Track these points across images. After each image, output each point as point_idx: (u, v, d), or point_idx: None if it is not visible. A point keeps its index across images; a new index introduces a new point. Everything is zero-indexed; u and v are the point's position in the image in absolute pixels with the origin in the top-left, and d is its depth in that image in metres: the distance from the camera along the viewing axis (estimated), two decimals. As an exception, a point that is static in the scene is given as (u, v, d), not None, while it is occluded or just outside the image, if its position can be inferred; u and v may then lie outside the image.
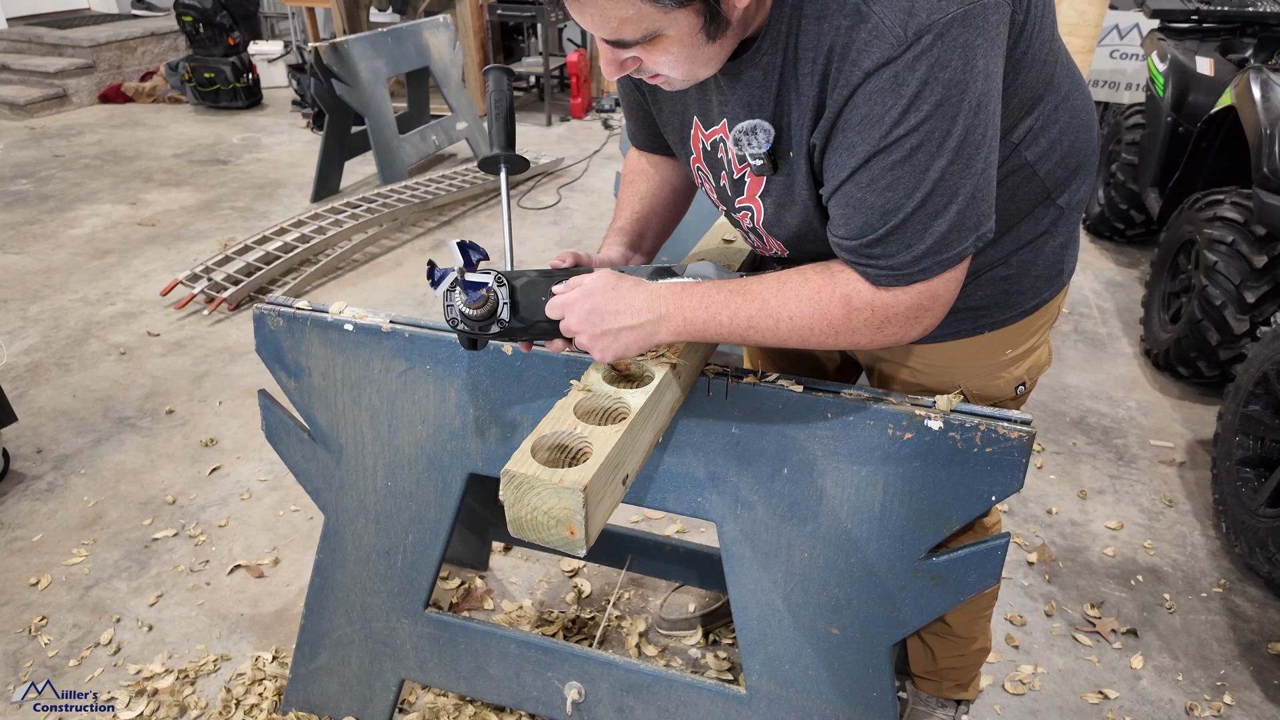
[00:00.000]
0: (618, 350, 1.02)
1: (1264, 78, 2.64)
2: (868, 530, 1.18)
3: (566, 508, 0.89)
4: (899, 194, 0.88)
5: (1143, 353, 3.16)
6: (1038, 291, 1.18)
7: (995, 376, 1.23)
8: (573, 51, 6.31)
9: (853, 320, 0.98)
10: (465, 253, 0.98)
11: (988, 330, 1.19)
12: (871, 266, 0.94)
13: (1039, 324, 1.22)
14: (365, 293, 3.65)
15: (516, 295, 1.04)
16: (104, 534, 2.23)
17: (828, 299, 0.98)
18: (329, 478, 1.46)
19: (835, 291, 0.97)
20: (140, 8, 7.85)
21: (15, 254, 3.94)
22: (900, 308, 0.96)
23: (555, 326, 1.05)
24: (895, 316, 0.97)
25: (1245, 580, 2.14)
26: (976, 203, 0.90)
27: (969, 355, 1.21)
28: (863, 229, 0.92)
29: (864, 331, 0.99)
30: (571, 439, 0.98)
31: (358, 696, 1.62)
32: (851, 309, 0.97)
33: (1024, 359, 1.24)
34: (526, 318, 1.05)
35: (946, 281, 0.95)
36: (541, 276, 1.07)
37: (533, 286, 1.05)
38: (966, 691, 1.65)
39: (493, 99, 1.25)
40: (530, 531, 0.93)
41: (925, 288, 0.95)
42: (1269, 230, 2.51)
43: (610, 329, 1.01)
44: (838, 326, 0.98)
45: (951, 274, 0.95)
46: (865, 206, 0.91)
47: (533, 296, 1.05)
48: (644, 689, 1.44)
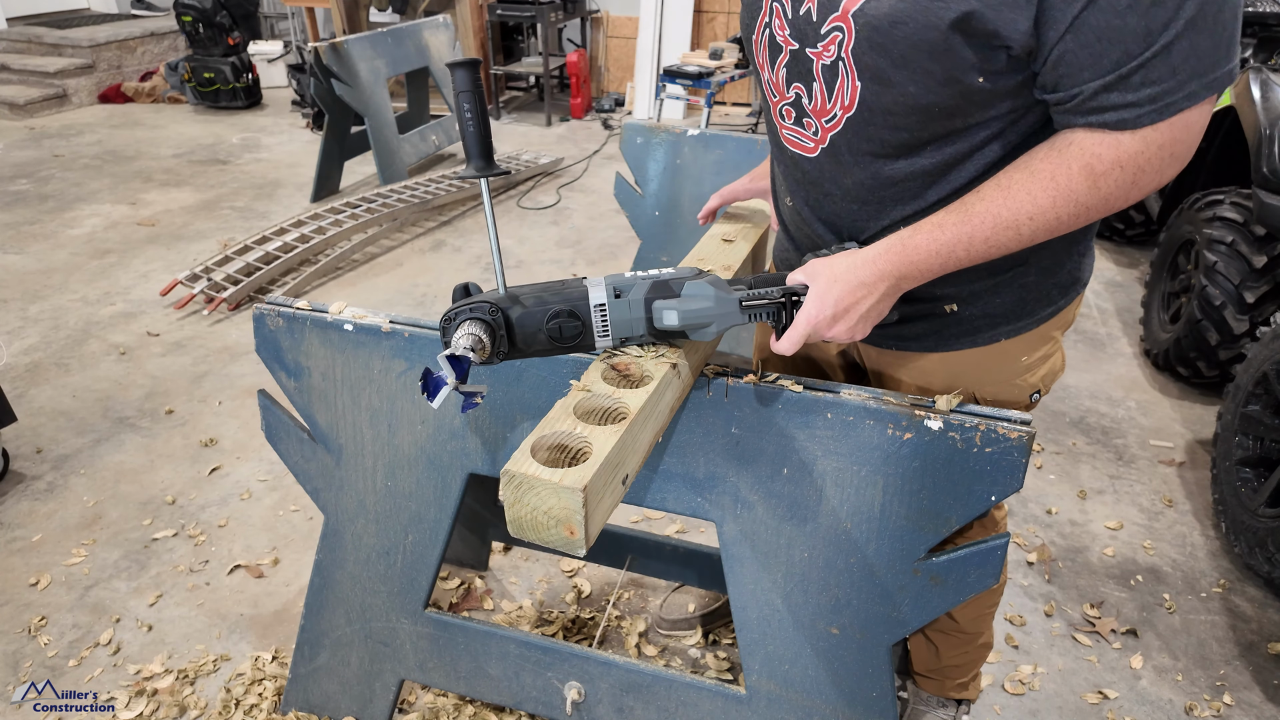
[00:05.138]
0: (873, 323, 1.03)
1: (1264, 78, 2.64)
2: (867, 530, 1.18)
3: (566, 508, 0.89)
4: (1167, 9, 0.80)
5: (1142, 353, 3.16)
6: (1054, 299, 1.16)
7: (1011, 384, 1.22)
8: (573, 51, 6.31)
9: (1102, 188, 0.89)
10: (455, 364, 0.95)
11: (1005, 338, 1.17)
12: (1125, 108, 0.85)
13: (1052, 330, 1.21)
14: (365, 293, 3.65)
15: (513, 326, 1.03)
16: (104, 534, 2.23)
17: (1065, 179, 0.90)
18: (329, 478, 1.46)
19: (1072, 167, 0.89)
20: (140, 8, 7.85)
21: (15, 254, 3.94)
22: (1152, 150, 0.87)
23: (553, 347, 1.05)
24: (1149, 163, 0.87)
25: (1245, 580, 2.14)
26: (1237, 21, 0.83)
27: (986, 364, 1.20)
28: (1120, 60, 0.83)
29: (1117, 195, 0.90)
30: (571, 439, 0.97)
31: (357, 696, 1.62)
32: (1097, 176, 0.89)
33: (1039, 365, 1.23)
34: (524, 347, 1.04)
35: (1203, 110, 0.86)
36: (547, 293, 1.05)
37: (530, 317, 1.04)
38: (967, 691, 1.65)
39: (462, 101, 1.05)
40: (530, 531, 0.93)
41: (1182, 119, 0.85)
42: (1269, 230, 2.51)
43: (861, 313, 1.00)
44: (1087, 202, 0.90)
45: (1210, 101, 0.85)
46: (1125, 32, 0.82)
47: (530, 326, 1.04)
48: (644, 689, 1.44)
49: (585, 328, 1.05)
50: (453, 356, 0.95)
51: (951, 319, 1.15)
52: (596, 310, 1.04)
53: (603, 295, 1.05)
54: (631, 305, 1.05)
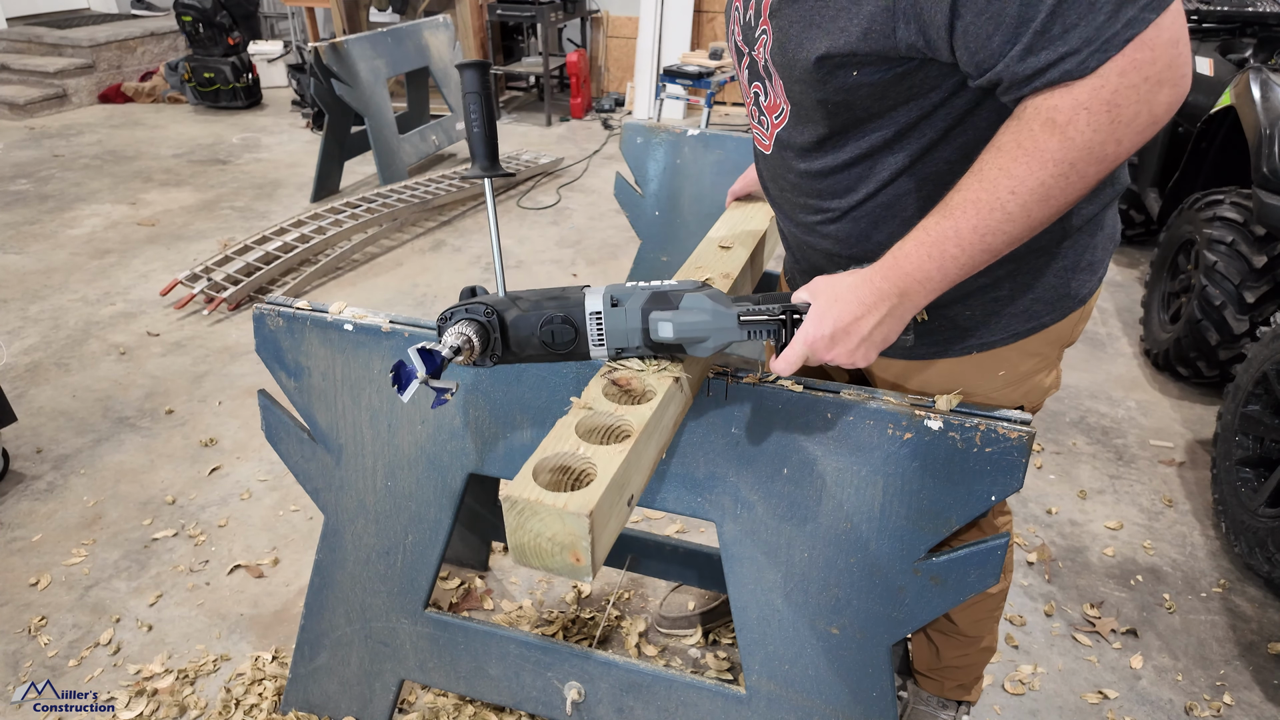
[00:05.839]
0: (879, 347, 0.97)
1: (1264, 78, 2.64)
2: (867, 530, 1.18)
3: (571, 534, 0.86)
4: None
5: (1142, 353, 3.16)
6: (1035, 315, 1.11)
7: (986, 398, 1.18)
8: (573, 51, 6.31)
9: (1074, 136, 0.80)
10: (427, 358, 0.94)
11: (976, 351, 1.14)
12: (1061, 61, 0.78)
13: (1039, 347, 1.15)
14: (365, 293, 3.65)
15: (508, 329, 1.02)
16: (104, 534, 2.23)
17: (1030, 140, 0.82)
18: (329, 478, 1.46)
19: (1033, 126, 0.82)
20: (140, 8, 7.85)
21: (15, 254, 3.94)
22: (1113, 80, 0.78)
23: (547, 353, 1.04)
24: (1119, 94, 0.78)
25: (1245, 580, 2.14)
26: None
27: (955, 376, 1.17)
28: (1021, 16, 0.78)
29: (1098, 140, 0.80)
30: (574, 460, 0.95)
31: (357, 696, 1.62)
32: (1062, 126, 0.81)
33: (1021, 382, 1.18)
34: (518, 350, 1.03)
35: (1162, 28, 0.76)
36: (547, 299, 1.03)
37: (525, 321, 1.02)
38: (969, 693, 1.64)
39: (470, 102, 1.09)
40: (534, 558, 0.90)
41: (1138, 43, 0.77)
42: (1269, 230, 2.51)
43: (862, 335, 0.95)
44: (1067, 158, 0.82)
45: (1167, 16, 0.76)
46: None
47: (524, 330, 1.02)
48: (644, 689, 1.44)
49: (580, 335, 1.03)
50: (424, 350, 0.93)
51: (922, 327, 1.14)
52: (592, 318, 1.03)
53: (599, 304, 1.03)
54: (628, 315, 1.03)
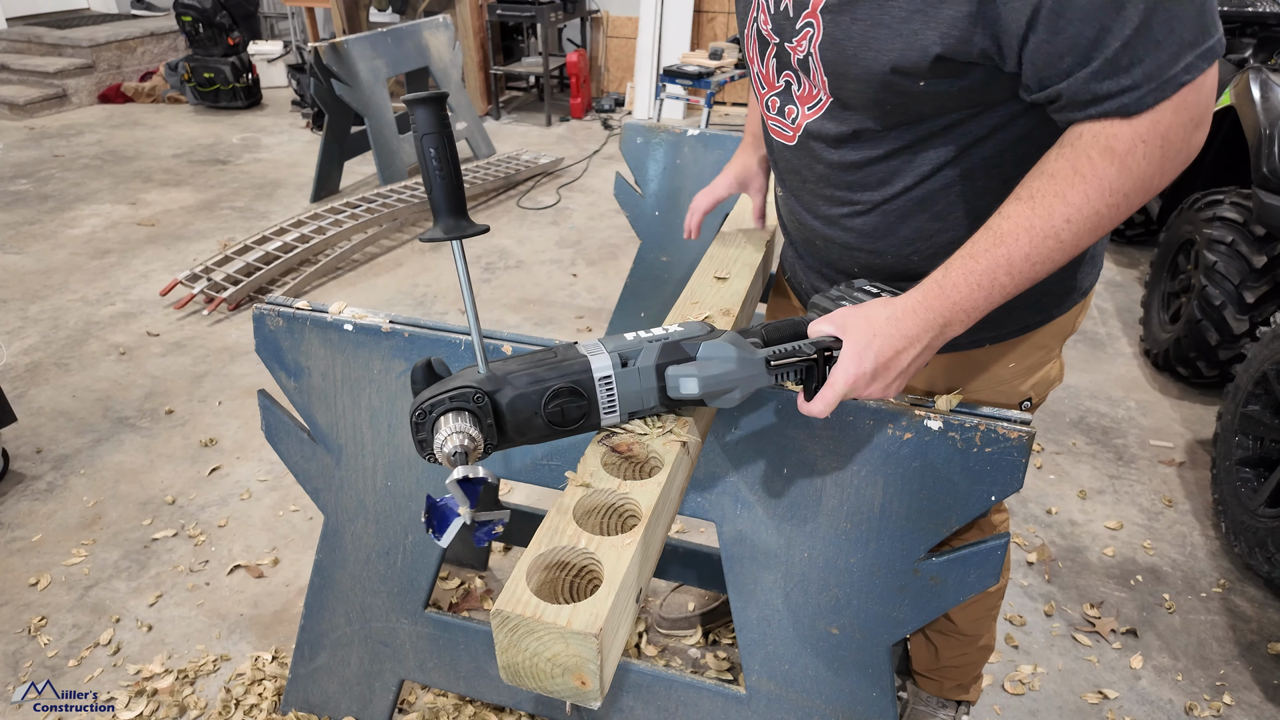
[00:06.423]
0: (911, 378, 0.95)
1: (1264, 78, 2.64)
2: (867, 530, 1.18)
3: (576, 655, 0.73)
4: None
5: (1142, 353, 3.16)
6: (1042, 308, 1.14)
7: (996, 390, 1.21)
8: (573, 51, 6.31)
9: (1131, 168, 0.84)
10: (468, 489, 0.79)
11: (989, 344, 1.16)
12: (1123, 94, 0.81)
13: (1045, 339, 1.18)
14: (365, 293, 3.65)
15: (503, 413, 0.88)
16: (103, 534, 2.23)
17: (1089, 168, 0.84)
18: (329, 478, 1.46)
19: (1091, 154, 0.84)
20: (140, 8, 7.85)
21: (15, 254, 3.94)
22: (1168, 117, 0.82)
23: (553, 432, 0.91)
24: (1171, 130, 0.82)
25: (1245, 580, 2.14)
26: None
27: (970, 368, 1.19)
28: (1098, 38, 0.80)
29: (1149, 173, 0.85)
30: (574, 555, 0.82)
31: (357, 696, 1.62)
32: (1121, 156, 0.83)
33: (1029, 374, 1.21)
34: (515, 435, 0.89)
35: (1204, 81, 0.82)
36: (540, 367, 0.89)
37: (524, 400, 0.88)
38: (968, 693, 1.65)
39: (427, 145, 0.85)
40: (529, 680, 0.76)
41: (1186, 91, 0.81)
42: (1268, 230, 2.51)
43: (902, 369, 0.91)
44: (1121, 188, 0.84)
45: (1209, 73, 0.82)
46: (1094, 10, 0.79)
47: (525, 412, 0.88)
48: (643, 689, 1.44)
49: (591, 406, 0.89)
50: (465, 480, 0.78)
51: None
52: (602, 384, 0.89)
53: (608, 366, 0.89)
54: (641, 375, 0.90)
